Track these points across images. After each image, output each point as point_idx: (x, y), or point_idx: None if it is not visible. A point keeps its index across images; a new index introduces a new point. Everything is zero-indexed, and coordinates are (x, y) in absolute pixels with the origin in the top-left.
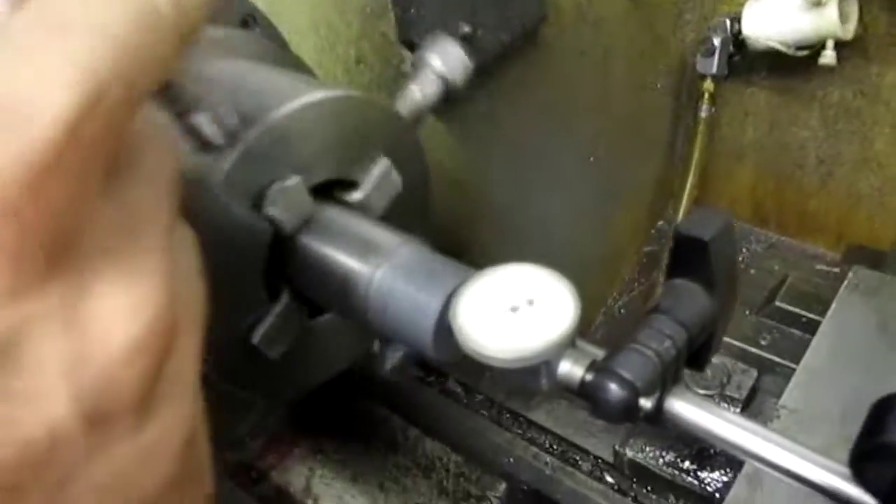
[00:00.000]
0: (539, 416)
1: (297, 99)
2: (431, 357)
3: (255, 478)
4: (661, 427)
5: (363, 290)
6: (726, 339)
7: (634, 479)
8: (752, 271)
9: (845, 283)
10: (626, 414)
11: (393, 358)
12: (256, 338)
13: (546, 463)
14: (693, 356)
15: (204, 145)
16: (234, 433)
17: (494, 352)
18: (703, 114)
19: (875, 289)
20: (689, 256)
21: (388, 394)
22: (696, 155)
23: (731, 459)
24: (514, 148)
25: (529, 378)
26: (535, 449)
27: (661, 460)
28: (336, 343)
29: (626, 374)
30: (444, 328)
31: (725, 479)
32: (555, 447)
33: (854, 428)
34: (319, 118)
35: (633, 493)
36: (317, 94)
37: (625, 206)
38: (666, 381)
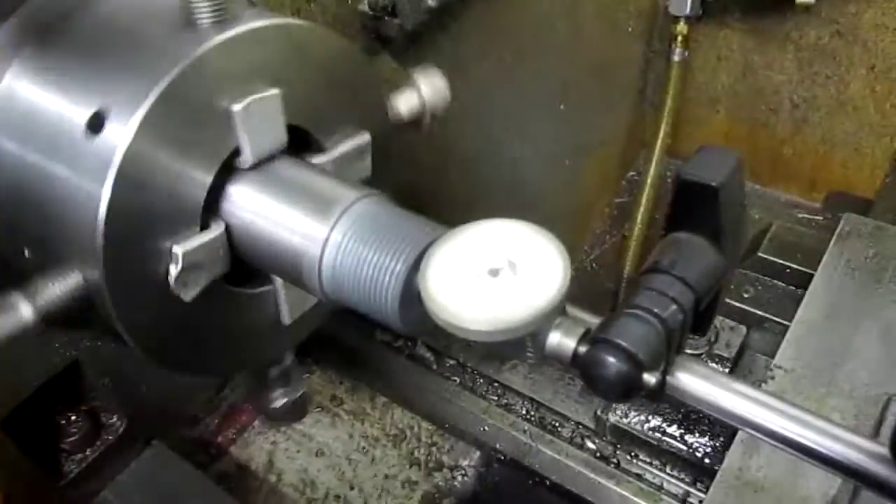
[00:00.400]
0: (515, 381)
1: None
2: (397, 330)
3: (214, 454)
4: (664, 402)
5: (315, 253)
6: None
7: (617, 446)
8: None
9: (837, 231)
10: (627, 391)
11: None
12: (180, 248)
13: (524, 431)
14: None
15: None
16: (187, 408)
17: (472, 323)
18: (677, 58)
19: (868, 236)
20: (695, 205)
21: (354, 361)
22: (668, 102)
23: (721, 421)
24: (482, 95)
25: (513, 350)
26: (511, 416)
27: (646, 425)
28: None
29: (627, 345)
30: (411, 296)
31: (715, 444)
32: (532, 414)
33: (854, 386)
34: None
35: (615, 460)
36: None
37: (595, 156)
38: (671, 350)
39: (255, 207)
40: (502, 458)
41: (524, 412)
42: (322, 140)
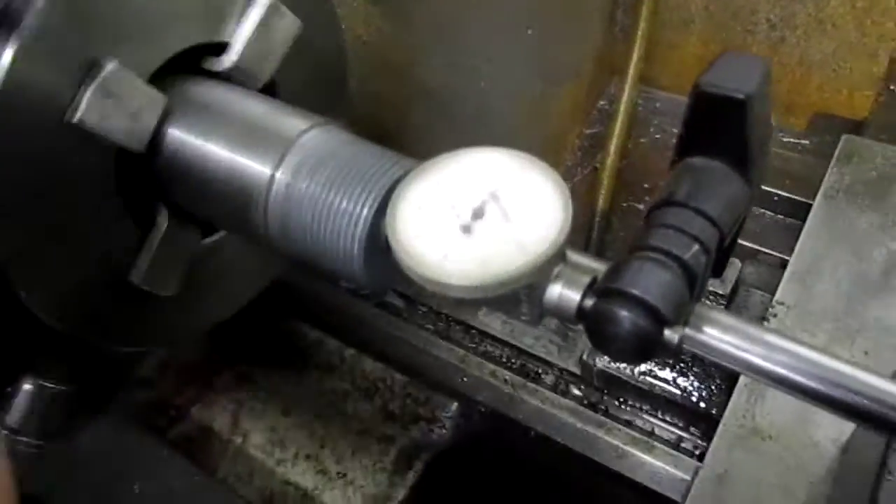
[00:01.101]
0: (493, 327)
1: None
2: (361, 286)
3: (173, 417)
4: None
5: (259, 198)
6: None
7: (605, 392)
8: None
9: (836, 153)
10: (645, 350)
11: None
12: (137, 276)
13: (504, 380)
14: None
15: None
16: (138, 369)
17: (455, 277)
18: None
19: (869, 157)
20: (717, 123)
21: (319, 311)
22: (641, 23)
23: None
24: (445, 19)
25: (505, 306)
26: (490, 365)
27: (635, 369)
28: (239, 267)
29: (644, 296)
30: (377, 246)
31: (711, 386)
32: (513, 361)
33: (861, 322)
34: None
35: (603, 407)
36: None
37: (565, 85)
38: (692, 299)
39: (184, 172)
40: (482, 409)
41: (504, 360)
42: (224, 37)
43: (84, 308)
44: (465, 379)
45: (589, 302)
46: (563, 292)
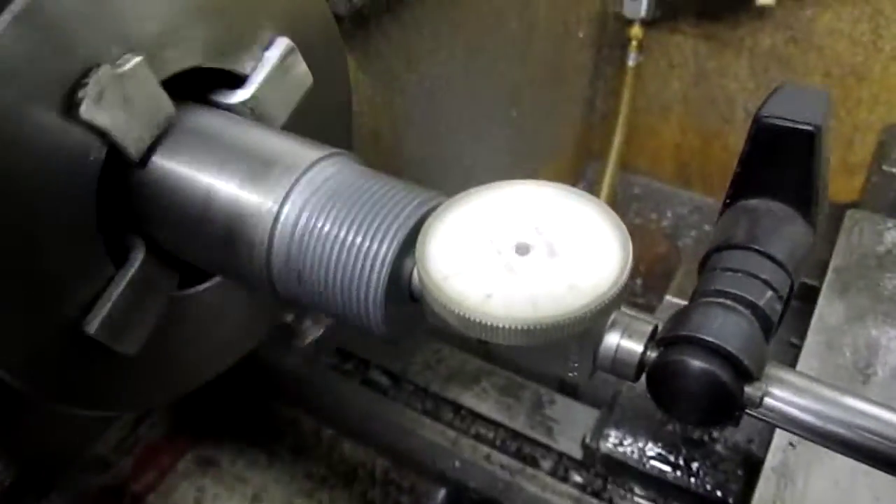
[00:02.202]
0: (485, 407)
1: None
2: (378, 334)
3: None
4: (761, 422)
5: (262, 236)
6: (683, 301)
7: (609, 478)
8: (709, 227)
9: (842, 228)
10: (724, 409)
11: (313, 331)
12: (92, 326)
13: (500, 465)
14: None
15: None
16: (91, 449)
17: (500, 319)
18: (631, 62)
19: (877, 232)
20: (780, 158)
21: (295, 387)
22: (623, 109)
23: (734, 447)
24: (434, 93)
25: (552, 359)
26: (484, 448)
27: (643, 454)
28: (227, 322)
29: (723, 344)
30: (399, 290)
31: (730, 473)
32: (509, 444)
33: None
34: None
35: (608, 496)
36: None
37: (546, 166)
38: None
39: (174, 200)
40: (474, 496)
41: (499, 442)
42: (238, 69)
43: (43, 361)
44: (455, 463)
45: (654, 353)
46: (622, 342)
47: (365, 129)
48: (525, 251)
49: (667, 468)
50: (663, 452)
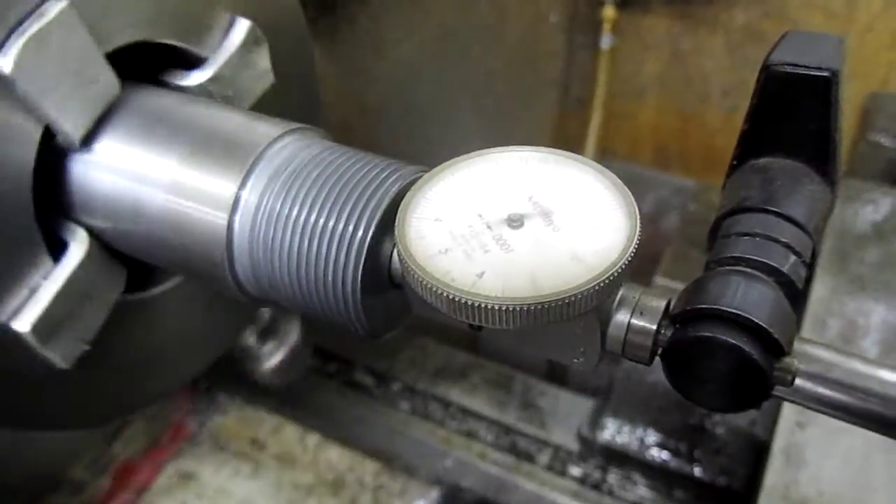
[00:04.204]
0: (476, 403)
1: None
2: (357, 329)
3: None
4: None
5: (220, 227)
6: (673, 283)
7: (609, 468)
8: (692, 207)
9: (841, 195)
10: (753, 390)
11: (275, 353)
12: (25, 323)
13: (494, 462)
14: None
15: None
16: (64, 471)
17: (494, 299)
18: (605, 45)
19: (871, 200)
20: (793, 110)
21: (276, 393)
22: (599, 93)
23: (736, 431)
24: (405, 82)
25: (555, 345)
26: (477, 445)
27: (643, 442)
28: (186, 331)
29: (750, 316)
30: (377, 277)
31: (734, 457)
32: (502, 440)
33: None
34: None
35: (608, 487)
36: None
37: None
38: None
39: (118, 189)
40: (469, 496)
41: (491, 439)
42: (194, 47)
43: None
44: (447, 463)
45: (669, 330)
46: (634, 321)
47: (333, 121)
48: (519, 223)
49: (669, 456)
50: (664, 439)
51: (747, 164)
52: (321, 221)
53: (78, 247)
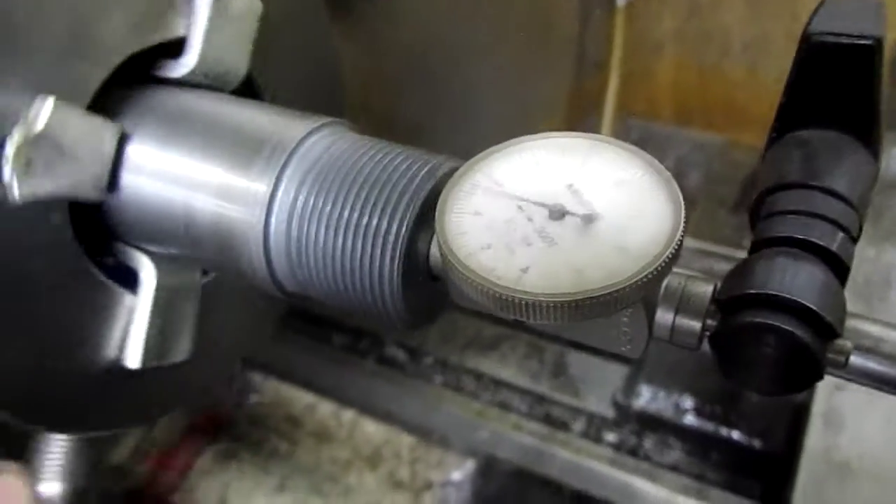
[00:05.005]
0: (507, 373)
1: None
2: (397, 322)
3: None
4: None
5: (257, 228)
6: (702, 244)
7: (644, 434)
8: (717, 166)
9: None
10: (807, 374)
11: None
12: (134, 360)
13: (529, 432)
14: None
15: None
16: (108, 459)
17: (542, 294)
18: (620, 2)
19: (890, 155)
20: (835, 80)
21: (309, 370)
22: (616, 53)
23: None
24: (422, 51)
25: (600, 334)
26: (511, 416)
27: (679, 408)
28: (224, 325)
29: (800, 300)
30: (417, 269)
31: (772, 421)
32: (536, 409)
33: None
34: None
35: (644, 452)
36: None
37: (541, 120)
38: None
39: (155, 213)
40: (505, 466)
41: (525, 409)
42: (171, 34)
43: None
44: (482, 434)
45: (718, 316)
46: (681, 307)
47: (353, 101)
48: (560, 215)
49: (705, 420)
50: (700, 404)
51: (787, 136)
52: (356, 218)
53: (146, 273)
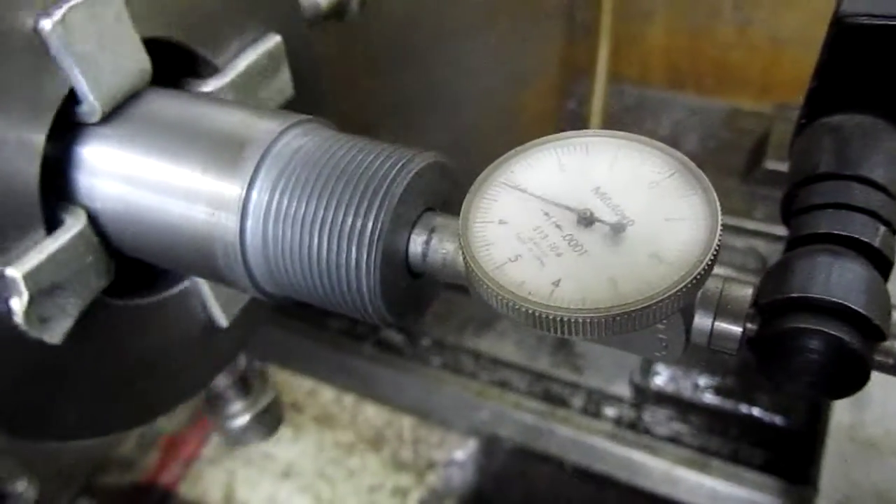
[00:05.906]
0: (505, 352)
1: None
2: (379, 320)
3: (159, 498)
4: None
5: (233, 228)
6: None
7: (641, 407)
8: (723, 133)
9: None
10: (854, 377)
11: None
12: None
13: (529, 409)
14: None
15: None
16: (114, 450)
17: (576, 310)
18: None
19: None
20: (868, 63)
21: (308, 357)
22: (605, 17)
23: None
24: (401, 32)
25: (636, 341)
26: (511, 395)
27: (698, 386)
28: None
29: (845, 302)
30: (396, 267)
31: (791, 396)
32: (535, 387)
33: None
34: None
35: (644, 426)
36: None
37: (531, 89)
38: None
39: (125, 174)
40: (506, 444)
41: (524, 387)
42: (211, 55)
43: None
44: (483, 414)
45: (758, 321)
46: (719, 313)
47: (338, 79)
48: (589, 222)
49: (725, 399)
50: (719, 381)
51: (817, 122)
52: (331, 217)
53: (73, 222)
